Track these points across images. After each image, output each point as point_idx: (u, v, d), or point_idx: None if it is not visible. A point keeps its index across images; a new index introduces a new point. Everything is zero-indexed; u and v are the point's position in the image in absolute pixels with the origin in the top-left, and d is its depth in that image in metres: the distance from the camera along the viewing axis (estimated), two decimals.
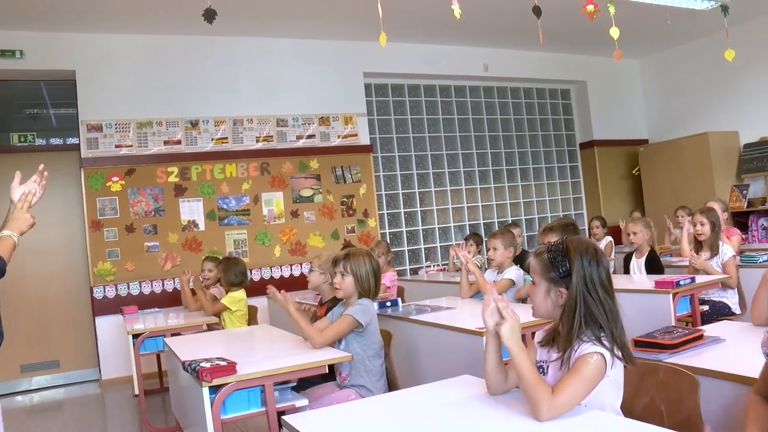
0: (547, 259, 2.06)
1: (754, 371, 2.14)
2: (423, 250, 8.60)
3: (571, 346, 1.95)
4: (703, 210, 5.24)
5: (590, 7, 5.80)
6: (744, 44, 8.18)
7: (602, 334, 1.95)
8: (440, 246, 8.68)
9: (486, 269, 5.36)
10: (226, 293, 5.49)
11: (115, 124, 6.84)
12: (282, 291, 3.56)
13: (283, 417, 2.15)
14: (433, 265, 8.01)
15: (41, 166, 2.75)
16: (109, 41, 6.86)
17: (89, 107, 6.77)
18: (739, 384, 2.19)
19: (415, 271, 8.25)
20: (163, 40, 7.06)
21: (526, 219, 9.42)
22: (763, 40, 8.54)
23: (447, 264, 7.81)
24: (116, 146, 6.83)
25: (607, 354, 1.90)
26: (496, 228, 8.68)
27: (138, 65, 6.97)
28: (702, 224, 5.09)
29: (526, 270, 4.94)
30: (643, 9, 7.06)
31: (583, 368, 1.88)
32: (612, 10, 6.11)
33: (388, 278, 6.17)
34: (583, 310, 1.97)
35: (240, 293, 5.47)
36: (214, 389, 2.74)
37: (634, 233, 5.44)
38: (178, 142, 7.07)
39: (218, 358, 2.88)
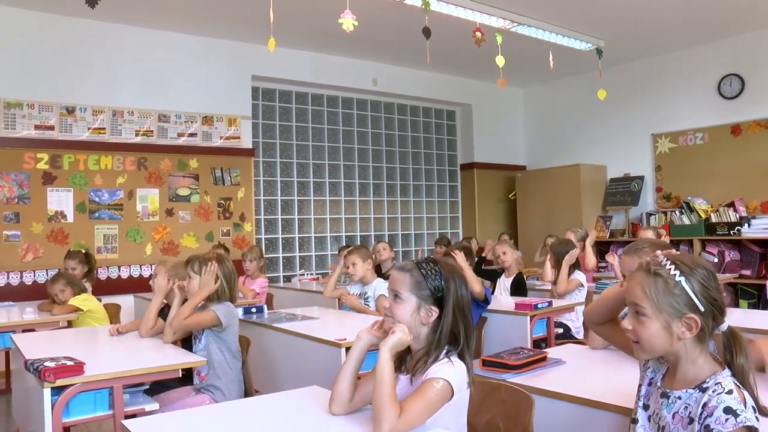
0: (420, 277, 2.07)
1: (586, 392, 2.33)
2: (298, 258, 8.58)
3: (431, 361, 2.00)
4: (553, 245, 5.66)
5: (478, 34, 6.08)
6: (615, 86, 8.78)
7: (454, 357, 2.01)
8: (315, 255, 8.69)
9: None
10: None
11: None
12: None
13: (122, 421, 2.11)
14: (307, 274, 8.02)
15: None
16: None
17: None
18: (570, 403, 2.35)
19: (288, 279, 8.23)
20: (44, 18, 6.68)
21: (402, 234, 9.59)
22: (630, 84, 9.19)
23: (323, 273, 7.84)
24: None
25: (453, 380, 1.95)
26: (373, 241, 8.80)
27: (11, 41, 6.55)
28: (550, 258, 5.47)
29: None
30: (528, 42, 7.41)
31: (429, 392, 1.92)
32: (499, 39, 6.39)
33: (258, 284, 6.14)
34: (451, 329, 2.03)
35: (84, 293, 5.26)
36: (58, 390, 2.65)
37: (504, 253, 5.70)
38: (51, 128, 6.74)
39: (66, 358, 2.78)
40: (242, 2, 6.54)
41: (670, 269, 1.68)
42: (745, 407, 1.56)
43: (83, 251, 5.98)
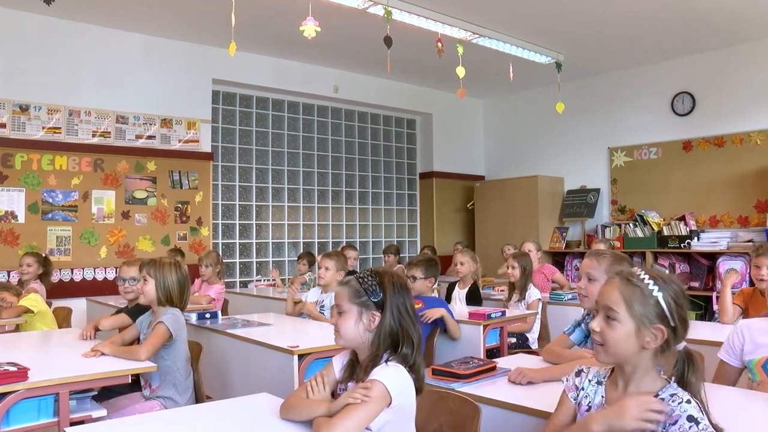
0: (357, 285, 2.12)
1: (532, 402, 2.37)
2: (255, 263, 8.53)
3: (372, 366, 2.03)
4: (516, 255, 5.61)
5: (439, 45, 6.14)
6: (573, 99, 8.93)
7: (393, 362, 2.04)
8: (272, 261, 8.64)
9: (312, 287, 5.44)
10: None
11: None
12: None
13: (65, 428, 2.08)
14: (264, 280, 7.97)
15: None
16: None
17: None
18: (516, 412, 2.39)
19: (244, 284, 8.18)
20: None
21: (360, 242, 9.59)
22: (588, 98, 9.36)
23: (281, 279, 7.80)
24: None
25: (390, 385, 1.97)
26: (330, 248, 8.79)
27: None
28: (513, 268, 5.45)
29: None
30: (489, 53, 7.50)
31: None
32: (460, 50, 6.45)
33: (215, 291, 6.08)
34: (390, 331, 2.06)
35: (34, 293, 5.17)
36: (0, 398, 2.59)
37: (462, 263, 5.66)
38: (3, 126, 6.57)
39: (9, 363, 2.72)
40: (204, 5, 6.49)
41: (648, 283, 1.77)
42: (704, 415, 1.65)
43: (43, 255, 5.92)
